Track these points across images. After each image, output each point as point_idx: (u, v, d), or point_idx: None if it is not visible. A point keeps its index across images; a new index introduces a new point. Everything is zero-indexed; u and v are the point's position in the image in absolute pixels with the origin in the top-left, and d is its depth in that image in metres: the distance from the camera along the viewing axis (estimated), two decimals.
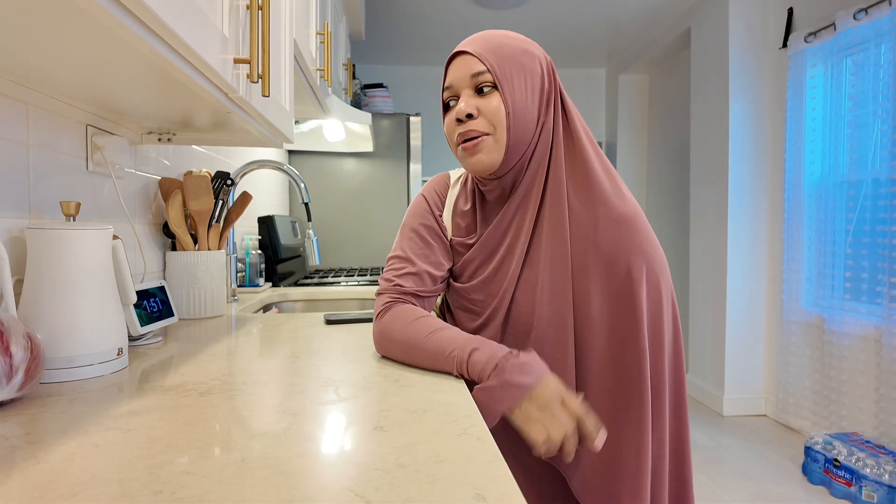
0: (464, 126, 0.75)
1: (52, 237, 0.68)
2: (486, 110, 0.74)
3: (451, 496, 0.39)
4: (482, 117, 0.74)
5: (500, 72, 0.73)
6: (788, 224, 2.80)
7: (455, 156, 0.82)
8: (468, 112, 0.74)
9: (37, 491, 0.39)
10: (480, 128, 0.74)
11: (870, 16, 2.34)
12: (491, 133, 0.74)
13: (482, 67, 0.74)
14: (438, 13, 3.50)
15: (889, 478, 1.96)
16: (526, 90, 0.75)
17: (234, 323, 1.13)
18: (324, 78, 1.70)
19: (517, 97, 0.74)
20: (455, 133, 0.76)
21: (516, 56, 0.75)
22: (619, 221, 0.74)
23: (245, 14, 0.84)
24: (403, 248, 0.84)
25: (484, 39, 0.76)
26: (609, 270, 0.73)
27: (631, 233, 0.74)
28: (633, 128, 4.53)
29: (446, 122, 0.79)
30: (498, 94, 0.74)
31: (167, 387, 0.66)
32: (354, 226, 2.90)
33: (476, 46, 0.75)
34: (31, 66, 0.66)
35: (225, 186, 1.31)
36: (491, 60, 0.74)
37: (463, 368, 0.68)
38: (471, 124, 0.74)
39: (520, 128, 0.75)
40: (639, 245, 0.74)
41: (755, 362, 3.08)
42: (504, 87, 0.73)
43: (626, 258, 0.73)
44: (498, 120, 0.74)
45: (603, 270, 0.73)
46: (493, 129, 0.74)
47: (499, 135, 0.74)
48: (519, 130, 0.75)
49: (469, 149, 0.75)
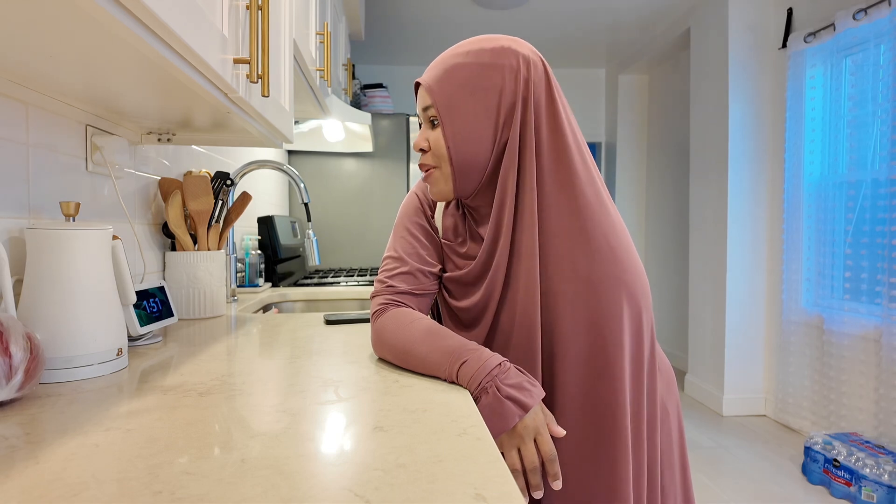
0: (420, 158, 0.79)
1: (52, 237, 0.68)
2: (433, 143, 0.77)
3: (450, 496, 0.39)
4: (431, 151, 0.78)
5: (441, 104, 0.74)
6: (788, 224, 2.80)
7: None
8: (420, 146, 0.78)
9: (36, 491, 0.39)
10: (429, 161, 0.78)
11: (869, 16, 2.34)
12: (438, 166, 0.78)
13: (428, 102, 0.76)
14: (438, 13, 3.50)
15: (888, 478, 1.96)
16: (475, 114, 0.73)
17: (233, 323, 1.13)
18: (323, 78, 1.70)
19: (458, 126, 0.73)
20: None
21: (470, 79, 0.73)
22: (599, 250, 0.72)
23: (245, 14, 0.84)
24: (396, 248, 0.84)
25: (439, 64, 0.76)
26: (587, 300, 0.71)
27: (611, 263, 0.72)
28: (632, 128, 4.53)
29: None
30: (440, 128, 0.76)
31: (167, 387, 0.66)
32: (354, 226, 2.90)
33: (427, 77, 0.76)
34: (30, 66, 0.66)
35: (224, 186, 1.31)
36: (436, 93, 0.74)
37: (454, 377, 0.68)
38: (422, 158, 0.79)
39: (464, 156, 0.74)
40: (618, 276, 0.72)
41: (755, 362, 3.08)
42: (444, 120, 0.74)
43: (607, 289, 0.71)
44: (441, 154, 0.76)
45: (581, 299, 0.71)
46: (439, 162, 0.77)
47: (444, 168, 0.77)
48: (464, 159, 0.74)
49: (424, 178, 0.80)
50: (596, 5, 3.37)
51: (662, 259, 4.33)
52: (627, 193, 4.56)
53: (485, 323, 0.78)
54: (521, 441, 0.65)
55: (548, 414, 0.68)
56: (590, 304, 0.71)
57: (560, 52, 4.25)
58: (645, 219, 4.60)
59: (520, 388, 0.65)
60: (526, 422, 0.65)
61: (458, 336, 0.72)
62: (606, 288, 0.71)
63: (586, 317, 0.72)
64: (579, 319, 0.72)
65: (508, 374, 0.65)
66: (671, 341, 4.24)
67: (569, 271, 0.72)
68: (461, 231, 0.83)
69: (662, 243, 4.32)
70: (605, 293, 0.71)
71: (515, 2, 3.26)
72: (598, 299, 0.71)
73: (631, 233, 4.63)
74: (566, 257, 0.72)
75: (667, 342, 4.31)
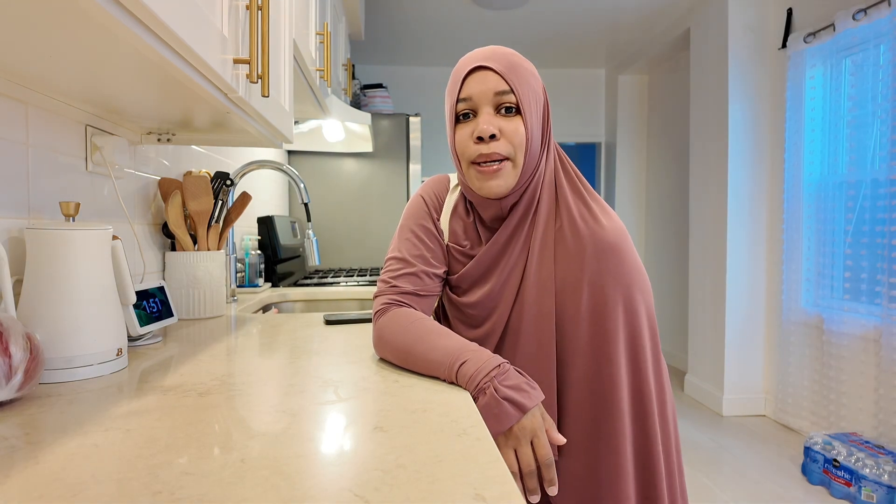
0: (485, 146, 0.73)
1: (52, 237, 0.68)
2: (508, 131, 0.72)
3: (450, 496, 0.39)
4: (504, 139, 0.73)
5: (522, 94, 0.73)
6: (788, 224, 2.80)
7: (460, 171, 0.79)
8: (492, 132, 0.72)
9: (36, 491, 0.39)
10: (502, 150, 0.73)
11: (869, 16, 2.34)
12: (510, 157, 0.74)
13: (506, 87, 0.72)
14: (438, 13, 3.50)
15: (888, 478, 1.96)
16: (538, 116, 0.76)
17: (233, 323, 1.13)
18: (323, 78, 1.70)
19: (534, 122, 0.75)
20: (472, 150, 0.74)
21: (530, 80, 0.75)
22: (605, 251, 0.75)
23: (245, 14, 0.84)
24: (400, 250, 0.83)
25: (503, 57, 0.74)
26: (592, 297, 0.74)
27: (615, 262, 0.75)
28: (632, 128, 4.53)
29: (459, 135, 0.76)
30: (519, 116, 0.73)
31: (166, 387, 0.66)
32: (354, 226, 2.90)
33: (498, 64, 0.73)
34: (30, 65, 0.66)
35: (224, 187, 1.31)
36: (514, 81, 0.73)
37: (453, 377, 0.68)
38: (493, 146, 0.72)
39: (533, 154, 0.75)
40: (622, 274, 0.75)
41: (754, 362, 3.08)
42: (526, 110, 0.73)
43: (609, 287, 0.74)
44: (518, 143, 0.73)
45: (586, 296, 0.74)
46: (512, 153, 0.73)
47: (517, 159, 0.74)
48: (533, 156, 0.76)
49: (488, 173, 0.73)
50: (596, 5, 3.37)
51: (662, 259, 4.33)
52: (627, 193, 4.57)
53: (499, 315, 0.79)
54: (518, 443, 0.65)
55: (547, 419, 0.68)
56: (594, 301, 0.74)
57: (560, 52, 4.25)
58: (645, 219, 4.60)
59: (518, 390, 0.65)
60: (523, 423, 0.64)
61: (460, 337, 0.72)
62: (609, 286, 0.74)
63: (591, 311, 0.74)
64: (585, 315, 0.74)
65: (507, 376, 0.65)
66: (671, 341, 4.24)
67: (578, 271, 0.75)
68: (471, 235, 0.84)
69: (662, 243, 4.32)
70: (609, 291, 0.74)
71: (515, 2, 3.26)
72: (601, 297, 0.74)
73: (631, 233, 4.63)
74: (577, 259, 0.75)
75: (667, 342, 4.31)
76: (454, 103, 0.76)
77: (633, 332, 0.75)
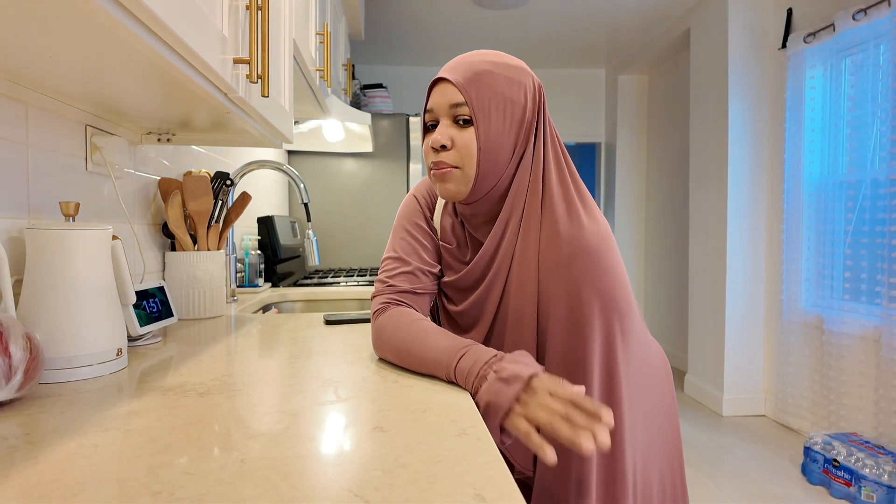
0: (436, 155, 0.77)
1: (52, 237, 0.68)
2: (459, 143, 0.75)
3: (450, 496, 0.39)
4: (455, 149, 0.76)
5: (477, 105, 0.74)
6: (788, 224, 2.80)
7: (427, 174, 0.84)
8: (442, 143, 0.76)
9: (36, 491, 0.39)
10: (450, 160, 0.76)
11: (869, 16, 2.34)
12: (460, 166, 0.76)
13: (461, 99, 0.74)
14: (438, 13, 3.50)
15: (888, 478, 1.96)
16: (504, 123, 0.75)
17: (233, 323, 1.13)
18: (323, 78, 1.70)
19: (492, 130, 0.75)
20: (430, 158, 0.79)
21: (499, 87, 0.75)
22: (581, 254, 0.74)
23: (244, 14, 0.84)
24: (395, 249, 0.85)
25: (467, 67, 0.76)
26: (567, 302, 0.74)
27: (591, 267, 0.74)
28: (632, 128, 4.53)
29: (424, 144, 0.81)
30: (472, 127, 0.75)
31: (166, 387, 0.66)
32: (354, 226, 2.90)
33: (457, 75, 0.75)
34: (30, 66, 0.66)
35: (224, 187, 1.31)
36: (470, 93, 0.74)
37: (451, 376, 0.68)
38: (443, 155, 0.76)
39: (490, 161, 0.76)
40: (595, 280, 0.73)
41: (754, 362, 3.08)
42: (479, 121, 0.74)
43: (582, 293, 0.73)
44: (468, 154, 0.75)
45: (563, 301, 0.74)
46: (461, 163, 0.76)
47: (467, 169, 0.76)
48: (489, 164, 0.76)
49: (438, 176, 0.77)
50: (596, 5, 3.37)
51: (662, 259, 4.33)
52: (627, 193, 4.57)
53: (483, 323, 0.80)
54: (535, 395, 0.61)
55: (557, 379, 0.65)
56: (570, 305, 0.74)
57: (560, 52, 4.25)
58: (645, 219, 4.60)
59: (517, 364, 0.65)
60: (534, 384, 0.62)
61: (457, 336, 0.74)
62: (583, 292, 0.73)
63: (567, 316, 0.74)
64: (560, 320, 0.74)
65: (506, 360, 0.66)
66: (671, 341, 4.24)
67: (557, 276, 0.74)
68: (459, 234, 0.85)
69: (662, 243, 4.32)
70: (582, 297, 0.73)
71: (515, 2, 3.26)
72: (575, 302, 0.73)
73: (631, 233, 4.63)
74: (555, 264, 0.75)
75: (667, 342, 4.31)
76: (423, 114, 0.81)
77: (608, 337, 0.75)
